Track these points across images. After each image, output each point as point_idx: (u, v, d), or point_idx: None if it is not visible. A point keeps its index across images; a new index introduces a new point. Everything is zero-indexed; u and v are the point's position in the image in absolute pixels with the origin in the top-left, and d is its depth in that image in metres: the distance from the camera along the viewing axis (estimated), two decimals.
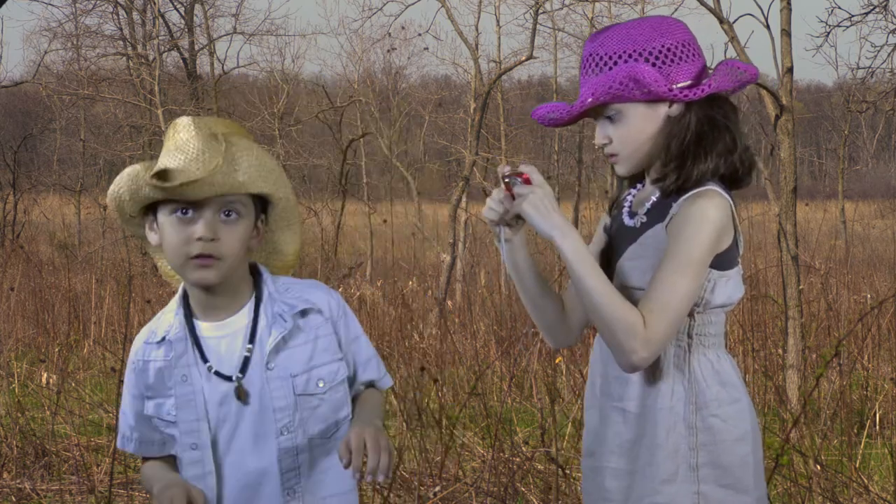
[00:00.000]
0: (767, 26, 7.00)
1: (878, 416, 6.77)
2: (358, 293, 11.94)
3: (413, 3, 14.23)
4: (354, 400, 2.47)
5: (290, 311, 2.38)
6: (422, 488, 5.03)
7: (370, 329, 9.27)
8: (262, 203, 2.39)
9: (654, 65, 2.37)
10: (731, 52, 6.77)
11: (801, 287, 6.93)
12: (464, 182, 12.70)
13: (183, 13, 23.74)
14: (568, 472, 4.86)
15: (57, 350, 9.05)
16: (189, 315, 2.39)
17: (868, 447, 5.96)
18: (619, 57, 2.37)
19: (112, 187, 2.35)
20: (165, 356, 2.37)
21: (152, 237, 2.37)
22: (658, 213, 2.41)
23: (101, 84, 22.27)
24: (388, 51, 21.51)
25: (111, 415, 6.29)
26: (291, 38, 38.48)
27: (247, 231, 2.35)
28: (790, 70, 6.91)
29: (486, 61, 17.33)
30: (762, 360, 7.26)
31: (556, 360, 7.33)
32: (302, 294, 2.42)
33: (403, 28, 22.62)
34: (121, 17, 23.38)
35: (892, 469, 4.98)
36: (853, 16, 9.43)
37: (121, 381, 5.40)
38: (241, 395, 2.34)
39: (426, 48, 24.02)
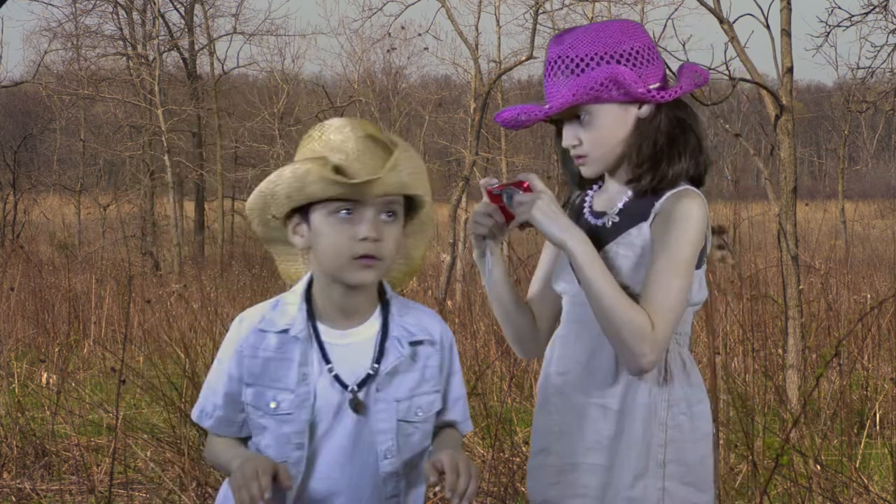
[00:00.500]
0: (767, 26, 7.00)
1: (878, 416, 6.77)
2: None
3: (413, 3, 14.24)
4: (434, 436, 2.45)
5: (409, 337, 2.36)
6: None
7: None
8: (407, 206, 2.37)
9: (626, 66, 2.39)
10: (731, 52, 6.77)
11: (801, 287, 6.93)
12: (464, 182, 12.70)
13: (183, 13, 23.75)
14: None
15: (57, 350, 9.05)
16: (311, 314, 2.36)
17: (868, 447, 5.96)
18: (592, 59, 2.39)
19: (263, 185, 2.32)
20: (278, 348, 2.33)
21: (297, 240, 2.33)
22: (634, 213, 2.42)
23: (101, 84, 22.29)
24: (388, 51, 21.53)
25: (111, 415, 6.29)
26: (291, 38, 38.53)
27: (401, 232, 2.34)
28: (790, 70, 6.91)
29: (486, 61, 17.35)
30: (762, 360, 7.26)
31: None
32: (420, 321, 2.40)
33: (403, 28, 22.62)
34: (121, 17, 23.40)
35: (892, 469, 4.97)
36: (853, 16, 9.43)
37: (122, 381, 5.42)
38: (359, 407, 2.32)
39: (426, 48, 24.03)
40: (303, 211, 2.32)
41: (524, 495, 4.95)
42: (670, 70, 2.53)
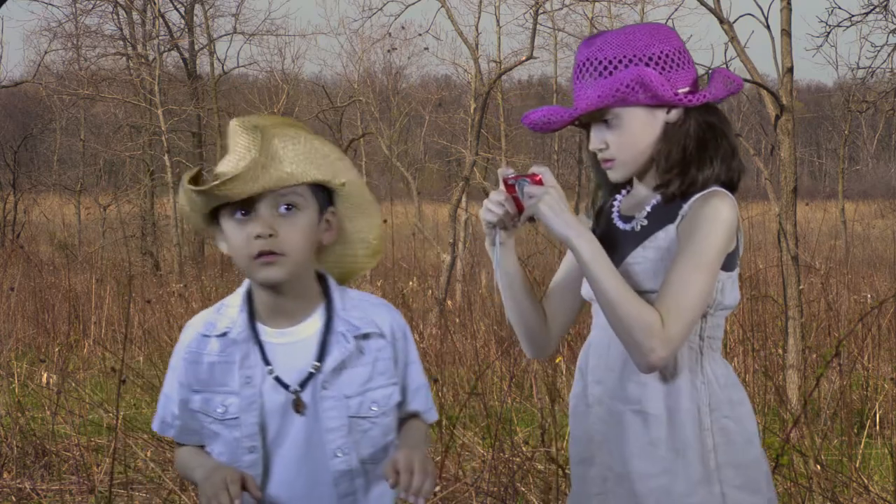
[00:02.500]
0: (767, 26, 7.00)
1: (878, 416, 6.78)
2: None
3: (413, 3, 14.22)
4: (399, 428, 2.41)
5: (354, 331, 2.32)
6: None
7: None
8: (328, 194, 2.33)
9: (655, 70, 2.38)
10: (731, 52, 6.77)
11: (801, 287, 6.93)
12: (464, 182, 12.70)
13: (183, 13, 23.74)
14: (568, 471, 4.86)
15: (57, 350, 9.05)
16: (252, 315, 2.34)
17: (868, 447, 5.96)
18: (620, 62, 2.37)
19: (178, 200, 2.32)
20: (221, 352, 2.31)
21: (223, 246, 2.33)
22: (662, 216, 2.40)
23: (101, 84, 22.27)
24: (388, 51, 21.51)
25: (111, 415, 6.29)
26: (291, 38, 38.50)
27: (310, 224, 2.28)
28: (790, 70, 6.91)
29: (486, 61, 17.33)
30: (762, 360, 7.26)
31: (556, 360, 7.33)
32: (367, 314, 2.35)
33: (403, 28, 22.64)
34: (121, 17, 23.37)
35: (892, 469, 4.98)
36: (853, 16, 9.43)
37: (122, 381, 5.41)
38: (300, 407, 2.29)
39: (426, 48, 24.06)
40: (215, 217, 2.30)
41: (524, 495, 4.95)
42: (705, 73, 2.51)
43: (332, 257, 2.42)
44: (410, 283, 13.33)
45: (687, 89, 2.40)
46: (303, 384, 2.29)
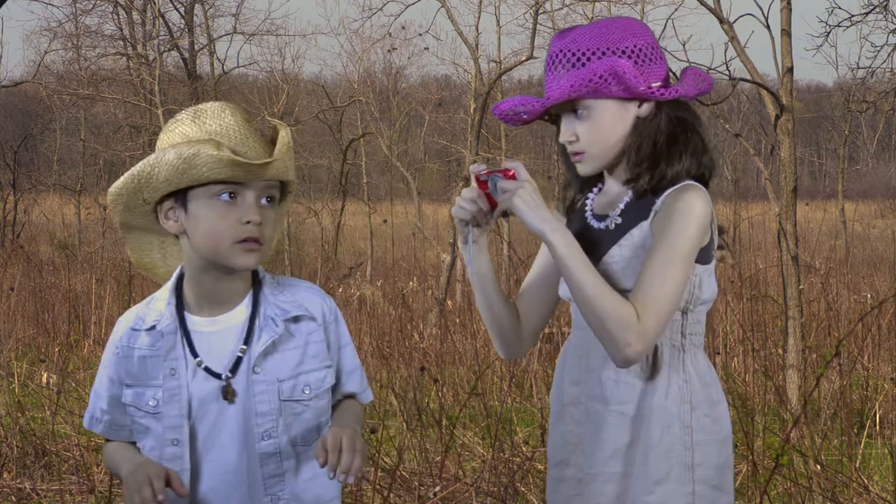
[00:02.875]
0: (767, 26, 7.00)
1: (878, 416, 6.78)
2: (358, 293, 11.94)
3: (413, 3, 14.22)
4: (334, 409, 2.43)
5: (283, 315, 2.34)
6: (422, 488, 5.03)
7: (370, 329, 9.28)
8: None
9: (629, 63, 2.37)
10: (731, 52, 6.76)
11: (801, 287, 6.93)
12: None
13: (183, 13, 23.74)
14: None
15: (57, 350, 9.05)
16: (181, 306, 2.34)
17: (868, 447, 5.96)
18: (594, 53, 2.36)
19: (138, 168, 2.27)
20: (151, 345, 2.32)
21: (171, 224, 2.31)
22: (635, 214, 2.39)
23: (101, 84, 22.27)
24: (389, 51, 21.50)
25: None
26: (291, 38, 38.50)
27: (278, 217, 2.36)
28: (790, 70, 6.91)
29: (486, 61, 17.31)
30: (762, 360, 7.26)
31: (556, 360, 7.33)
32: (296, 298, 2.37)
33: (403, 28, 22.61)
34: (121, 17, 23.39)
35: (892, 469, 4.98)
36: (853, 16, 9.43)
37: None
38: (229, 395, 2.30)
39: (426, 48, 24.05)
40: (177, 196, 2.29)
41: (524, 495, 4.94)
42: (672, 73, 2.51)
43: None
44: (410, 283, 13.33)
45: (659, 84, 2.39)
46: (233, 370, 2.31)
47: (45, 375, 7.83)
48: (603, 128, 2.39)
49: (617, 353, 2.27)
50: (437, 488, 4.98)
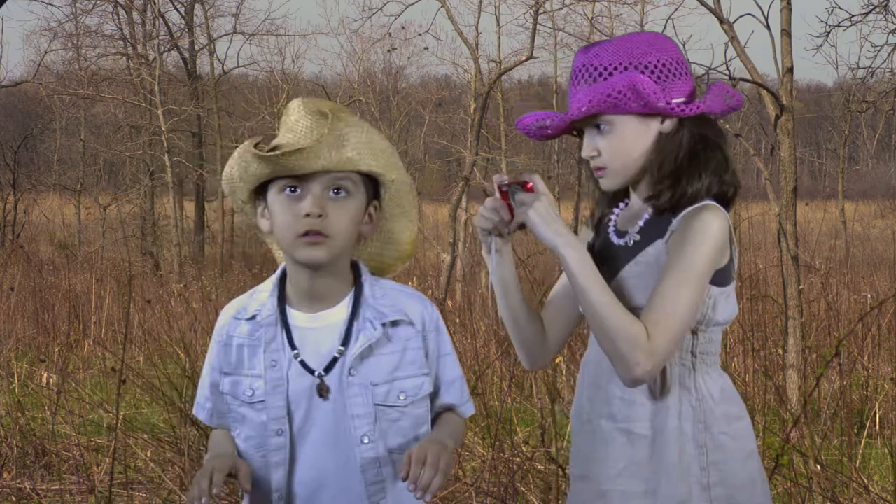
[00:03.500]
0: (767, 26, 7.00)
1: (878, 416, 6.78)
2: None
3: (413, 3, 14.23)
4: (434, 421, 2.41)
5: (382, 318, 2.33)
6: None
7: None
8: (374, 187, 2.35)
9: (650, 78, 2.35)
10: (731, 52, 6.77)
11: (801, 287, 6.93)
12: (464, 182, 12.70)
13: (183, 13, 23.74)
14: (568, 471, 4.86)
15: (57, 350, 9.05)
16: (283, 300, 2.35)
17: (868, 447, 5.96)
18: (615, 68, 2.35)
19: (226, 170, 2.32)
20: (250, 335, 2.33)
21: (264, 224, 2.33)
22: (653, 231, 2.37)
23: (101, 84, 22.28)
24: (388, 51, 21.51)
25: (111, 415, 6.29)
26: (291, 38, 38.51)
27: (357, 211, 2.31)
28: (790, 70, 6.91)
29: (486, 61, 17.32)
30: (762, 360, 7.26)
31: (556, 360, 7.33)
32: (397, 303, 2.36)
33: (403, 28, 22.61)
34: (121, 17, 23.39)
35: (892, 469, 4.98)
36: (853, 16, 9.43)
37: (123, 381, 5.41)
38: (323, 391, 2.29)
39: (426, 48, 24.03)
40: (264, 193, 2.32)
41: (524, 495, 4.95)
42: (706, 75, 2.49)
43: (363, 252, 2.44)
44: (410, 283, 13.32)
45: (682, 100, 2.37)
46: (328, 368, 2.30)
47: (45, 375, 7.83)
48: (624, 143, 2.37)
49: (626, 372, 2.26)
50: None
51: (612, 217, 2.49)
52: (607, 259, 2.41)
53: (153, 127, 21.30)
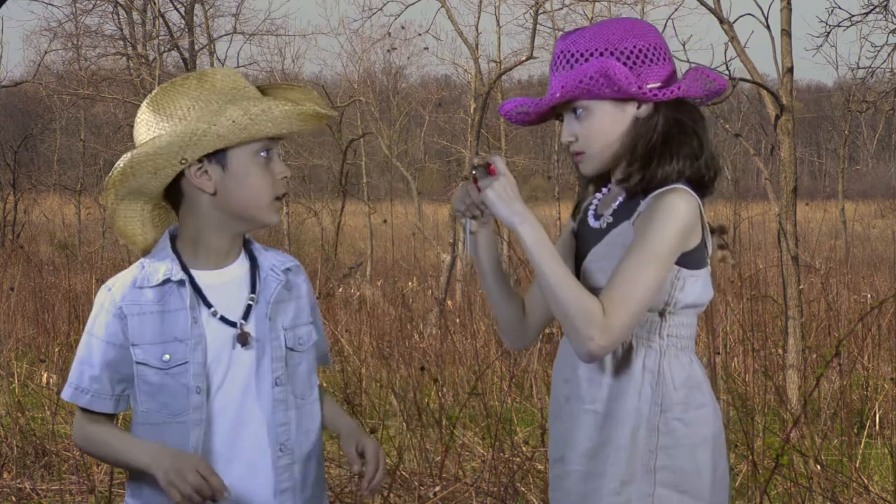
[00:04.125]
0: (767, 26, 7.00)
1: (878, 416, 6.78)
2: (358, 293, 11.94)
3: (413, 3, 14.23)
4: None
5: (280, 266, 2.44)
6: (422, 488, 5.03)
7: (370, 329, 9.27)
8: None
9: (625, 64, 2.37)
10: (731, 52, 6.77)
11: (801, 287, 6.93)
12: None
13: (183, 13, 23.73)
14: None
15: (57, 350, 9.04)
16: (183, 264, 2.38)
17: (868, 447, 5.96)
18: (591, 54, 2.37)
19: (190, 126, 2.28)
20: (159, 300, 2.34)
21: (204, 182, 2.33)
22: (624, 214, 2.40)
23: (101, 84, 22.26)
24: (388, 51, 21.50)
25: None
26: (291, 38, 38.48)
27: None
28: (790, 70, 6.91)
29: (486, 61, 17.31)
30: (762, 360, 7.26)
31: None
32: (278, 255, 2.48)
33: (403, 28, 22.61)
34: (121, 16, 23.37)
35: (892, 469, 4.98)
36: (853, 16, 9.43)
37: None
38: (245, 340, 2.35)
39: (426, 48, 24.03)
40: (212, 155, 2.33)
41: (524, 495, 4.95)
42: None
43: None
44: (410, 283, 13.33)
45: (658, 84, 2.38)
46: (245, 316, 2.37)
47: (45, 375, 7.83)
48: (600, 128, 2.40)
49: (580, 346, 2.28)
50: (437, 488, 4.98)
51: (594, 202, 2.52)
52: (582, 241, 2.46)
53: None
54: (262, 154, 2.33)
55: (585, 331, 2.25)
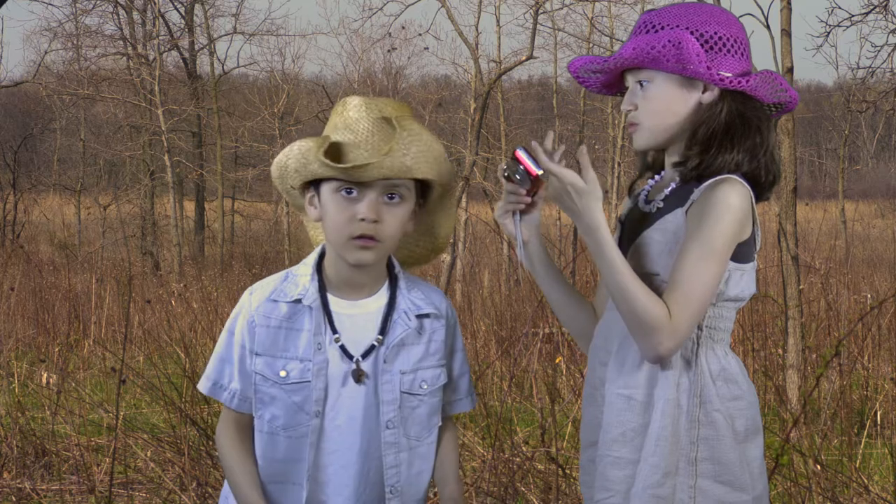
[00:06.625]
0: (767, 26, 7.00)
1: (878, 416, 6.78)
2: None
3: (413, 3, 14.25)
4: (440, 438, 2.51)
5: (416, 311, 2.42)
6: None
7: None
8: (423, 189, 2.41)
9: (702, 46, 2.35)
10: None
11: (801, 287, 6.94)
12: (464, 182, 12.70)
13: (183, 13, 23.73)
14: (568, 472, 4.86)
15: (57, 350, 9.05)
16: (322, 285, 2.40)
17: (868, 447, 5.96)
18: (672, 28, 2.35)
19: (279, 157, 2.37)
20: (288, 317, 2.37)
21: (312, 212, 2.39)
22: (676, 199, 2.38)
23: (101, 84, 22.28)
24: (389, 51, 21.51)
25: (111, 415, 6.29)
26: (291, 38, 38.47)
27: (407, 215, 2.38)
28: (790, 70, 6.91)
29: (486, 61, 17.32)
30: (762, 360, 7.27)
31: (556, 360, 7.33)
32: (427, 296, 2.46)
33: (403, 28, 22.64)
34: (121, 16, 23.38)
35: (892, 469, 4.98)
36: (853, 16, 9.43)
37: (122, 381, 5.41)
38: (360, 377, 2.37)
39: (426, 48, 24.08)
40: (314, 184, 2.37)
41: (524, 495, 4.95)
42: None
43: (399, 243, 2.50)
44: None
45: (728, 75, 2.36)
46: (365, 355, 2.38)
47: (45, 375, 7.83)
48: (661, 103, 2.39)
49: (650, 351, 2.29)
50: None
51: (647, 186, 2.50)
52: (633, 225, 2.44)
53: (153, 127, 21.29)
54: (343, 192, 2.32)
55: (655, 336, 2.27)
